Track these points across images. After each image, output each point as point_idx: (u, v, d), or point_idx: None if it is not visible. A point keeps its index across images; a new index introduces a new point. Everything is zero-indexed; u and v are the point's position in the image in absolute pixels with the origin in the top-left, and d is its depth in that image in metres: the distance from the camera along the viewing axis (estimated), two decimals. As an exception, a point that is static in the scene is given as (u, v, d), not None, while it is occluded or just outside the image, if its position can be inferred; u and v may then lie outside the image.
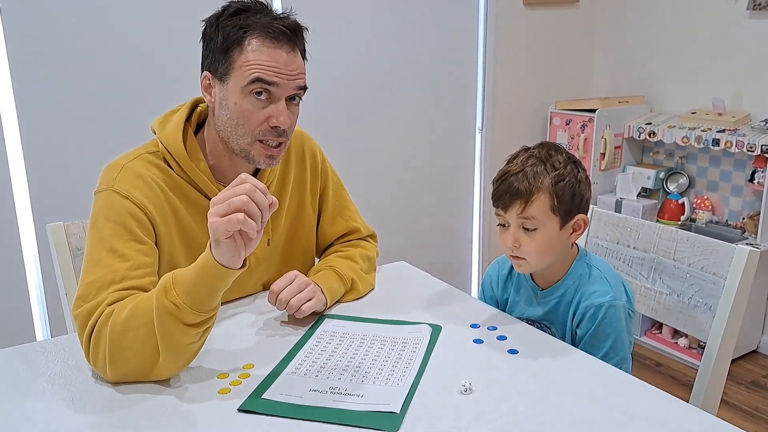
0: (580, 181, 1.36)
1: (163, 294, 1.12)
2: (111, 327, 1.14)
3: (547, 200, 1.33)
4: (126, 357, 1.14)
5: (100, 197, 1.32)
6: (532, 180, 1.32)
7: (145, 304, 1.15)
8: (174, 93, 1.58)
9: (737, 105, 3.06)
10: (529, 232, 1.34)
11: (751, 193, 3.02)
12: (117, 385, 1.16)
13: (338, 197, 1.65)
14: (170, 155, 1.36)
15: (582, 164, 1.41)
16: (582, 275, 1.40)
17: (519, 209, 1.33)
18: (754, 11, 2.93)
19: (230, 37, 1.30)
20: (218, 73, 1.33)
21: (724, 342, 1.41)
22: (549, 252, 1.37)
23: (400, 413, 1.06)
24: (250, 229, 1.06)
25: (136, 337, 1.13)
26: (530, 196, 1.32)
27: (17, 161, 2.30)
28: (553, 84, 3.52)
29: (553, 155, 1.36)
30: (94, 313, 1.17)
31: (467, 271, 3.52)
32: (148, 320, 1.13)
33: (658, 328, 3.18)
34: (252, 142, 1.34)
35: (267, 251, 1.51)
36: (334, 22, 2.84)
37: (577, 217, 1.36)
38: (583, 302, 1.37)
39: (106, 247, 1.25)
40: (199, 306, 1.11)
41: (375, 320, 1.41)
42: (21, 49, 2.24)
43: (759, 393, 2.76)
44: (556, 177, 1.33)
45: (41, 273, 2.38)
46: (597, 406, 1.09)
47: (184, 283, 1.12)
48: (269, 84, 1.30)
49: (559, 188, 1.33)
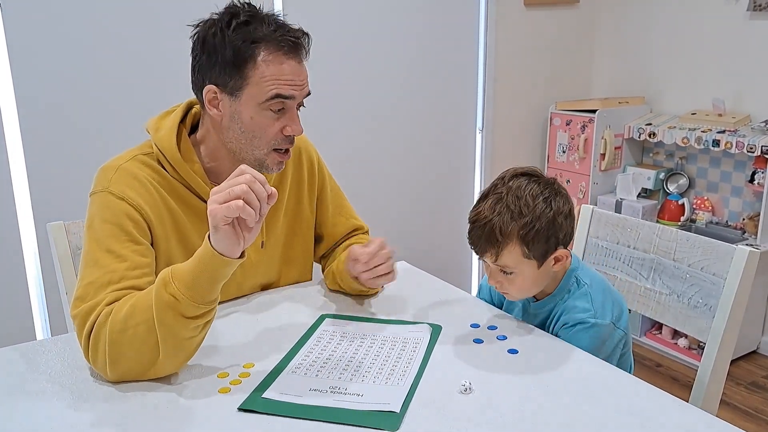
0: (554, 219, 1.29)
1: (163, 287, 1.12)
2: (110, 326, 1.14)
3: (518, 249, 1.29)
4: (126, 355, 1.14)
5: (95, 198, 1.32)
6: (498, 232, 1.28)
7: (144, 301, 1.15)
8: (176, 93, 1.58)
9: (737, 106, 3.06)
10: (508, 275, 1.33)
11: (751, 194, 3.02)
12: (117, 384, 1.16)
13: (336, 197, 1.66)
14: (164, 157, 1.36)
15: (562, 191, 1.34)
16: (570, 290, 1.39)
17: (492, 258, 1.32)
18: (755, 12, 2.94)
19: (241, 52, 1.28)
20: (228, 87, 1.32)
21: (724, 342, 1.41)
22: (532, 288, 1.37)
23: (400, 413, 1.07)
24: (249, 216, 1.07)
25: (136, 335, 1.13)
26: (500, 248, 1.29)
27: (18, 160, 2.30)
28: (553, 84, 3.52)
29: (523, 196, 1.29)
30: (92, 313, 1.17)
31: (467, 271, 3.52)
32: (147, 317, 1.13)
33: (657, 329, 3.18)
34: (268, 152, 1.37)
35: (261, 253, 1.51)
36: (334, 22, 2.84)
37: (556, 252, 1.32)
38: (563, 316, 1.37)
39: (103, 248, 1.25)
40: (198, 298, 1.12)
41: (375, 320, 1.41)
42: (22, 47, 2.24)
43: (759, 393, 2.76)
44: (525, 225, 1.27)
45: (41, 272, 2.38)
46: (597, 406, 1.09)
47: (183, 275, 1.12)
48: (287, 98, 1.32)
49: (530, 236, 1.28)
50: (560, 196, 1.32)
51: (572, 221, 1.35)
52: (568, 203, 1.34)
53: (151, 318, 1.13)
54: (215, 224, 1.08)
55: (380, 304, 1.50)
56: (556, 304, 1.40)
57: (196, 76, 1.36)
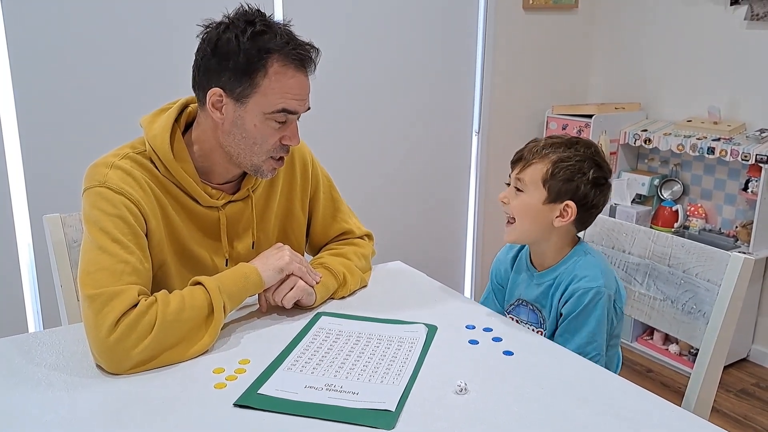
0: (585, 174, 1.40)
1: (218, 293, 1.30)
2: (161, 315, 1.22)
3: (542, 171, 1.40)
4: (169, 342, 1.21)
5: (91, 194, 1.32)
6: (540, 150, 1.42)
7: (195, 300, 1.27)
8: (172, 88, 1.58)
9: (733, 114, 3.08)
10: (518, 192, 1.43)
11: (745, 202, 3.04)
12: (113, 377, 1.16)
13: (330, 200, 1.65)
14: (156, 156, 1.37)
15: (607, 171, 1.44)
16: (577, 261, 1.44)
17: (518, 169, 1.44)
18: (752, 21, 2.95)
19: (254, 60, 1.30)
20: (235, 93, 1.32)
21: (717, 349, 1.42)
22: (526, 217, 1.43)
23: (396, 411, 1.07)
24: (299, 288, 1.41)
25: (189, 321, 1.25)
26: (530, 161, 1.42)
27: (14, 153, 2.29)
28: (550, 88, 3.52)
29: (578, 146, 1.42)
30: (118, 298, 1.20)
31: (460, 272, 3.53)
32: (195, 314, 1.26)
33: (649, 334, 3.20)
34: (265, 159, 1.39)
35: (252, 254, 1.49)
36: (333, 24, 2.84)
37: (567, 202, 1.40)
38: (572, 284, 1.41)
39: (110, 238, 1.27)
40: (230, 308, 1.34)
41: (371, 319, 1.42)
42: (20, 40, 2.23)
43: (748, 401, 2.78)
44: (562, 157, 1.40)
45: (35, 265, 2.37)
46: (590, 408, 1.10)
47: (229, 287, 1.33)
48: (292, 113, 1.35)
49: (558, 167, 1.39)
50: (600, 169, 1.42)
51: (598, 193, 1.42)
52: (605, 178, 1.44)
53: (201, 315, 1.27)
54: (282, 269, 1.40)
55: (376, 303, 1.51)
56: (560, 273, 1.44)
57: (201, 76, 1.36)
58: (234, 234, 1.49)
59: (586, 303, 1.38)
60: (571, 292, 1.40)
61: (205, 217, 1.44)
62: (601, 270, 1.41)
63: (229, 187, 1.47)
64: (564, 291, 1.42)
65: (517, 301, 1.52)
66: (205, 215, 1.44)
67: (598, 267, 1.42)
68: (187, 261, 1.43)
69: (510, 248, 1.59)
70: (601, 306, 1.38)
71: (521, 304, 1.51)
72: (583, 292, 1.38)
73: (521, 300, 1.51)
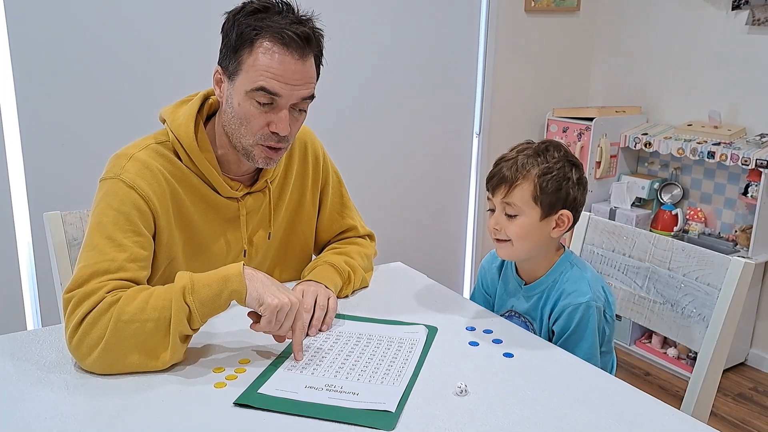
0: (569, 178, 1.39)
1: (181, 296, 1.18)
2: (116, 315, 1.15)
3: (530, 189, 1.37)
4: (123, 346, 1.15)
5: (105, 184, 1.32)
6: (519, 168, 1.38)
7: (159, 300, 1.18)
8: (176, 85, 1.59)
9: (733, 118, 3.08)
10: (511, 218, 1.39)
11: (744, 207, 3.04)
12: (112, 377, 1.16)
13: (338, 195, 1.66)
14: (180, 146, 1.36)
15: (582, 168, 1.43)
16: (563, 273, 1.43)
17: (503, 194, 1.39)
18: (753, 26, 2.95)
19: (243, 36, 1.29)
20: (228, 71, 1.33)
21: (716, 353, 1.42)
22: (527, 239, 1.40)
23: (396, 412, 1.07)
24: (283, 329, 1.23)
25: (143, 330, 1.16)
26: (514, 183, 1.38)
27: (15, 150, 2.29)
28: (551, 91, 3.53)
29: (551, 151, 1.40)
30: (89, 299, 1.18)
31: (460, 273, 3.53)
32: (158, 316, 1.16)
33: (647, 338, 3.20)
34: (254, 143, 1.35)
35: (267, 244, 1.52)
36: (334, 25, 2.82)
37: (561, 212, 1.39)
38: (561, 301, 1.39)
39: (104, 234, 1.26)
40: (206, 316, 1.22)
41: (371, 320, 1.42)
42: (22, 37, 2.23)
43: (746, 405, 2.78)
44: (544, 169, 1.37)
45: (34, 263, 2.36)
46: (591, 411, 1.10)
47: (202, 291, 1.20)
48: (272, 94, 1.30)
49: (544, 180, 1.36)
50: (578, 168, 1.42)
51: (583, 192, 1.42)
52: (583, 175, 1.43)
53: (162, 318, 1.16)
54: (261, 301, 1.20)
55: (376, 304, 1.51)
56: (547, 286, 1.43)
57: None
58: (251, 225, 1.49)
59: (577, 320, 1.36)
60: (561, 309, 1.39)
61: (225, 208, 1.44)
62: (588, 282, 1.39)
63: (246, 179, 1.47)
64: (553, 307, 1.41)
65: (509, 312, 1.51)
66: (226, 206, 1.44)
67: (585, 279, 1.40)
68: (199, 256, 1.43)
69: (494, 258, 1.56)
70: (593, 321, 1.36)
71: (513, 315, 1.50)
72: (573, 309, 1.37)
73: (513, 311, 1.50)
